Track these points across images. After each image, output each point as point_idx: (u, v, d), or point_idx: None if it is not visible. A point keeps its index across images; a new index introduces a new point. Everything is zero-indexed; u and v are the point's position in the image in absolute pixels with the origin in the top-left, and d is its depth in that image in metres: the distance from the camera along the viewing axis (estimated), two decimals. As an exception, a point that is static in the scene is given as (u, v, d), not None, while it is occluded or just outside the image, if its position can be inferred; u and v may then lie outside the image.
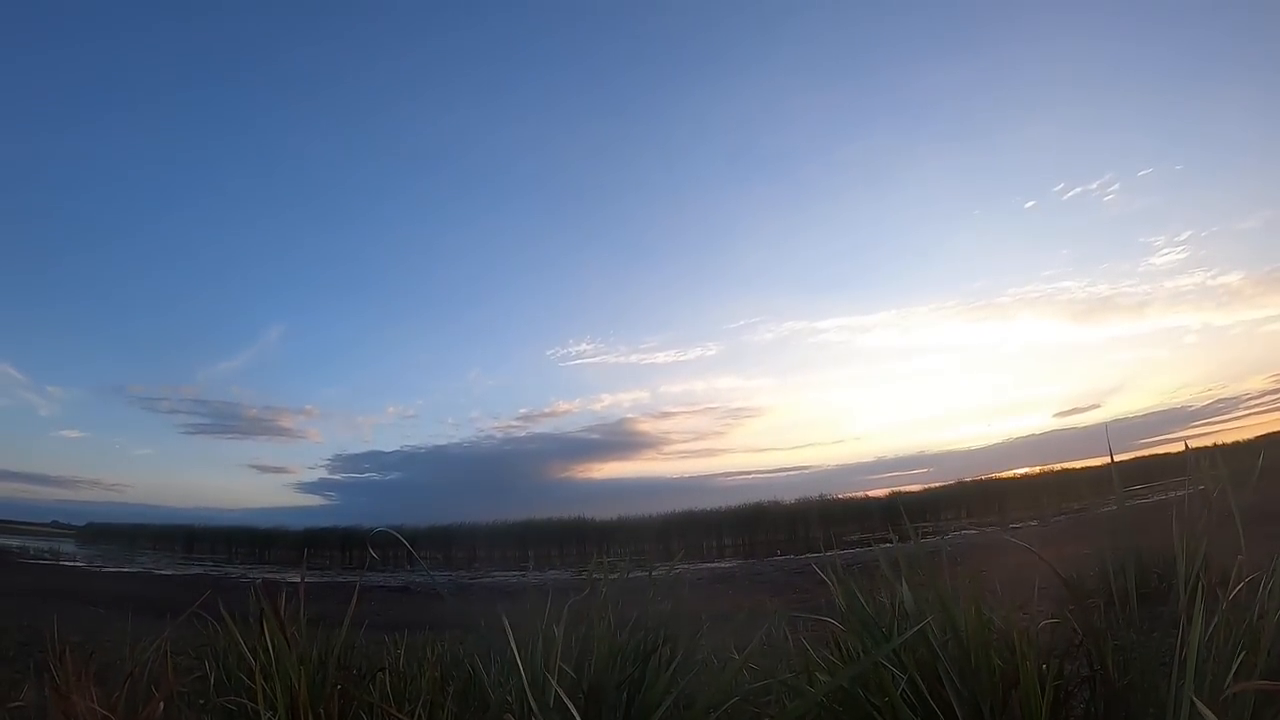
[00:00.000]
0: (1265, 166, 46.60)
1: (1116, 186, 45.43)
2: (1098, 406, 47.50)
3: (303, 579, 2.28)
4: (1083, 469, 30.11)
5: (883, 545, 2.52)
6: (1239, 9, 42.46)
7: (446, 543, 37.09)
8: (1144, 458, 27.80)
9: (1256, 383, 42.94)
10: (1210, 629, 1.60)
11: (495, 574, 25.15)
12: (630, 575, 2.87)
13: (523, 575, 23.97)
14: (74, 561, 29.19)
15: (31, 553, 31.40)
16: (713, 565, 22.67)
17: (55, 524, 50.39)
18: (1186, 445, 2.26)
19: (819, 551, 22.67)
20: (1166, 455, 26.41)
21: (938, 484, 37.37)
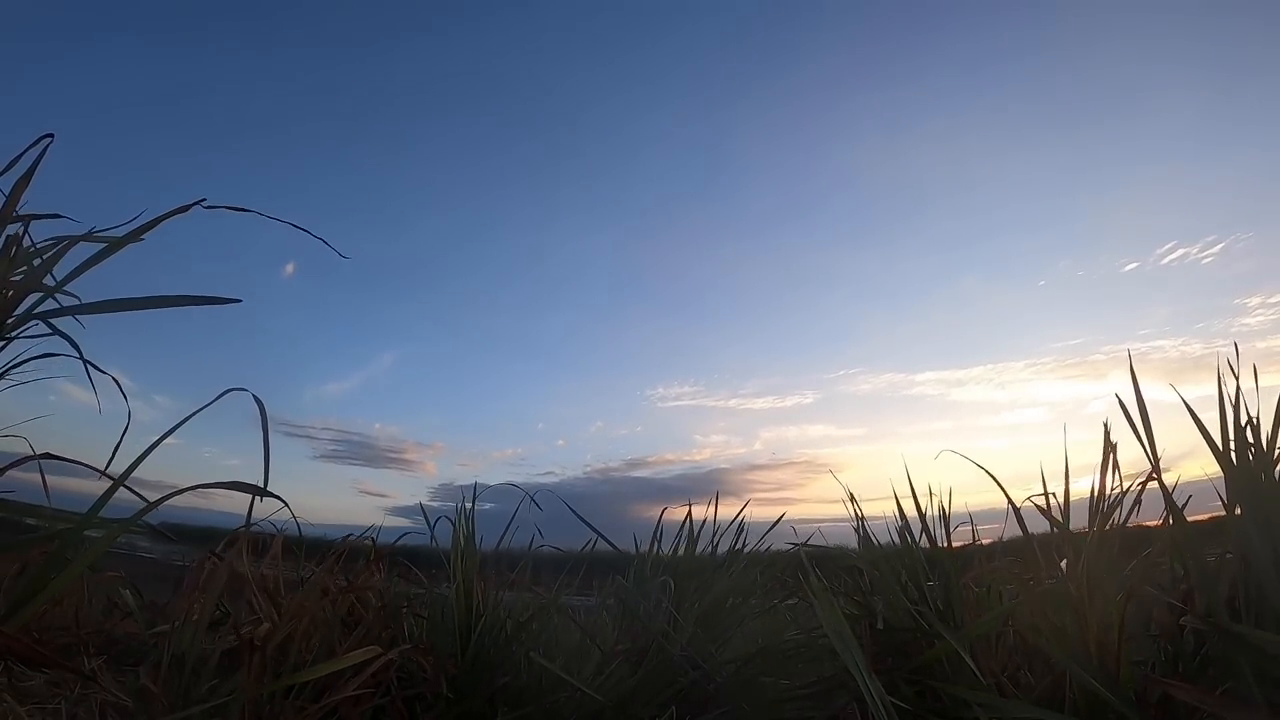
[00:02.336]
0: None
1: (1218, 248, 42.87)
2: (1167, 470, 44.07)
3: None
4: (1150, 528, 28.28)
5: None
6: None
7: (510, 565, 37.68)
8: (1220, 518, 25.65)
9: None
10: None
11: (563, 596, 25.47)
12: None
13: (588, 598, 24.25)
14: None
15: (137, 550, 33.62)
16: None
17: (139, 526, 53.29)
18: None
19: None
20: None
21: (1010, 538, 35.88)
